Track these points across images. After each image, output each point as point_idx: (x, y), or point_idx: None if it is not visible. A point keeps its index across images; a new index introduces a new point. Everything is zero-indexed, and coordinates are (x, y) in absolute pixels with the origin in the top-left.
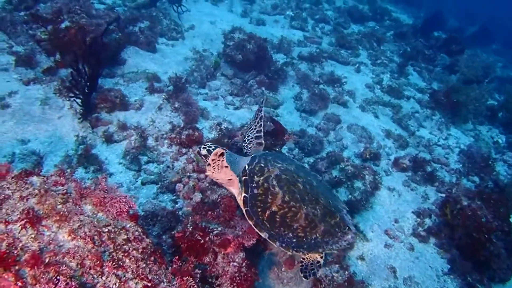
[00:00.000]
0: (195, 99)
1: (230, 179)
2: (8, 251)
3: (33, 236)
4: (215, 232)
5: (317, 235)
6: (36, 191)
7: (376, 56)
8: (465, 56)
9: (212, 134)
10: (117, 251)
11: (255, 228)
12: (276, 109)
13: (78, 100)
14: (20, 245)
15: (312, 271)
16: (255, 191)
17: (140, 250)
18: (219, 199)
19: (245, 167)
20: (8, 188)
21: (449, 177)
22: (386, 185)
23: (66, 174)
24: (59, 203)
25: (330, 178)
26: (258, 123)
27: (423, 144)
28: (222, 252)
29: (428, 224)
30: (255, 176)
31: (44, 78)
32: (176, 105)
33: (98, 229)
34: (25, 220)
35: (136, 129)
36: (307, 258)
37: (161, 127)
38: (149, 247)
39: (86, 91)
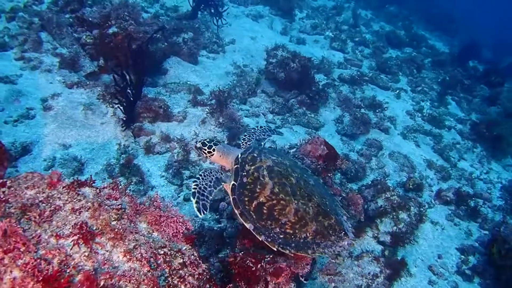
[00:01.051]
0: (238, 115)
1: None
2: (60, 269)
3: (86, 254)
4: (267, 259)
5: (307, 234)
6: (89, 204)
7: (416, 83)
8: (505, 89)
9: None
10: (172, 276)
11: (240, 218)
12: (317, 130)
13: (122, 108)
14: (73, 263)
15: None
16: (245, 179)
17: (196, 276)
18: None
19: (237, 156)
20: (59, 198)
21: (491, 214)
22: (429, 218)
23: (121, 187)
24: (113, 219)
25: (375, 208)
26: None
27: (465, 177)
28: (274, 281)
29: (473, 262)
30: (246, 165)
31: (87, 83)
32: (221, 120)
33: (154, 251)
34: (78, 235)
35: (179, 142)
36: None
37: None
38: (205, 273)
39: (131, 99)
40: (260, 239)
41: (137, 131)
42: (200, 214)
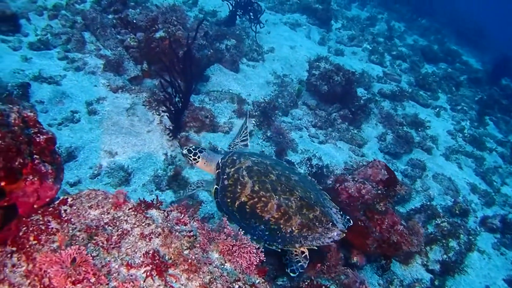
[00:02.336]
0: (286, 130)
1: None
2: None
3: None
4: None
5: (293, 228)
6: (159, 229)
7: (455, 101)
8: None
9: (303, 169)
10: None
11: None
12: (361, 148)
13: (170, 116)
14: None
15: (299, 264)
16: (226, 182)
17: None
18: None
19: (218, 161)
20: (126, 221)
21: None
22: (476, 246)
23: (189, 211)
24: (185, 248)
25: (425, 234)
26: (244, 132)
27: (510, 204)
28: None
29: None
30: (227, 168)
31: (132, 88)
32: (268, 134)
33: (229, 285)
34: (150, 265)
35: None
36: (288, 253)
37: None
38: None
39: (179, 107)
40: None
41: (183, 141)
42: None
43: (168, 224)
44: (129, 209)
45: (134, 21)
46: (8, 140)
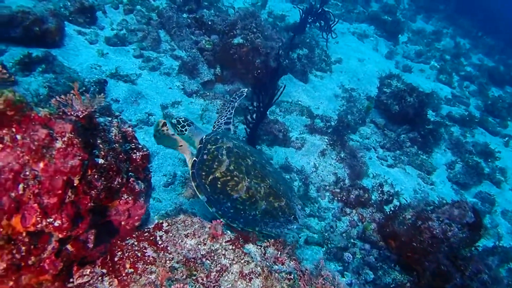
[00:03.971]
0: (360, 152)
1: (181, 146)
2: None
3: None
4: None
5: (257, 212)
6: (259, 269)
7: None
8: None
9: (374, 196)
10: None
11: (196, 190)
12: (429, 175)
13: (247, 128)
14: None
15: None
16: (205, 156)
17: None
18: (393, 284)
19: (203, 136)
20: (224, 255)
21: None
22: None
23: (287, 248)
24: None
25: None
26: (229, 112)
27: None
28: None
29: None
30: (209, 145)
31: (207, 93)
32: (342, 155)
33: None
34: None
35: (299, 173)
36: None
37: (324, 176)
38: None
39: (259, 118)
40: (211, 211)
41: None
42: None
43: (267, 263)
44: (226, 242)
45: (209, 22)
46: (110, 159)
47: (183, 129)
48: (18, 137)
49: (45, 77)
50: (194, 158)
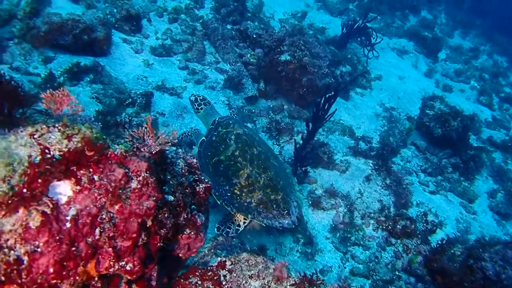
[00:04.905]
0: (406, 180)
1: None
2: None
3: None
4: None
5: (252, 200)
6: None
7: None
8: None
9: (419, 225)
10: None
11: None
12: (471, 203)
13: (296, 150)
14: None
15: (226, 230)
16: (214, 138)
17: None
18: None
19: (216, 118)
20: None
21: None
22: None
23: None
24: None
25: None
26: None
27: None
28: None
29: None
30: (220, 127)
31: (252, 110)
32: (388, 182)
33: None
34: None
35: (344, 199)
36: (233, 216)
37: (369, 203)
38: None
39: (307, 140)
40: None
41: (302, 176)
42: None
43: None
44: (291, 285)
45: (254, 35)
46: (179, 194)
47: (199, 108)
48: (95, 177)
49: (93, 87)
50: (203, 138)
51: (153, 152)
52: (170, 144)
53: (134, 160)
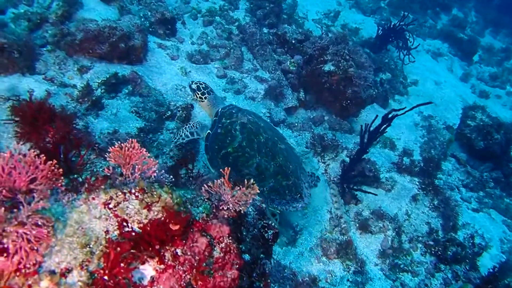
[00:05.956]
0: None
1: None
2: None
3: None
4: None
5: (264, 189)
6: None
7: None
8: None
9: (469, 250)
10: None
11: (208, 163)
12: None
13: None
14: None
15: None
16: (219, 130)
17: None
18: None
19: (219, 109)
20: None
21: None
22: None
23: None
24: None
25: None
26: None
27: None
28: None
29: None
30: (224, 118)
31: (294, 124)
32: (435, 202)
33: None
34: None
35: (392, 222)
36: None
37: (417, 225)
38: None
39: (355, 158)
40: None
41: (348, 198)
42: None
43: None
44: None
45: (293, 41)
46: (253, 251)
47: (203, 97)
48: (179, 251)
49: (132, 100)
50: (208, 131)
51: (233, 211)
52: (250, 201)
53: (215, 224)
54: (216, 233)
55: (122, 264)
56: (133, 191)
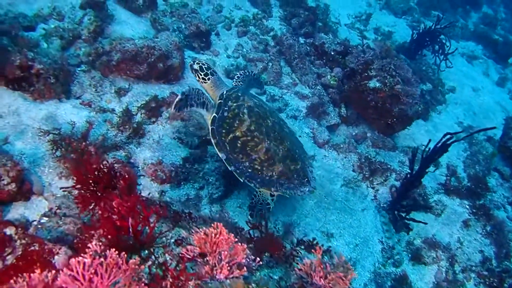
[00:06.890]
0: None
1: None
2: None
3: None
4: None
5: (273, 173)
6: None
7: None
8: None
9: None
10: None
11: (215, 147)
12: None
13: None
14: None
15: (260, 212)
16: (225, 113)
17: None
18: None
19: (223, 91)
20: None
21: None
22: None
23: None
24: None
25: None
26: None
27: None
28: None
29: None
30: (230, 101)
31: (340, 145)
32: (488, 229)
33: None
34: None
35: (445, 251)
36: (259, 195)
37: (470, 254)
38: None
39: (410, 185)
40: (230, 169)
41: (400, 224)
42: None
43: None
44: None
45: (332, 53)
46: None
47: (206, 78)
48: None
49: (173, 125)
50: (214, 114)
51: None
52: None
53: None
54: None
55: None
56: None
